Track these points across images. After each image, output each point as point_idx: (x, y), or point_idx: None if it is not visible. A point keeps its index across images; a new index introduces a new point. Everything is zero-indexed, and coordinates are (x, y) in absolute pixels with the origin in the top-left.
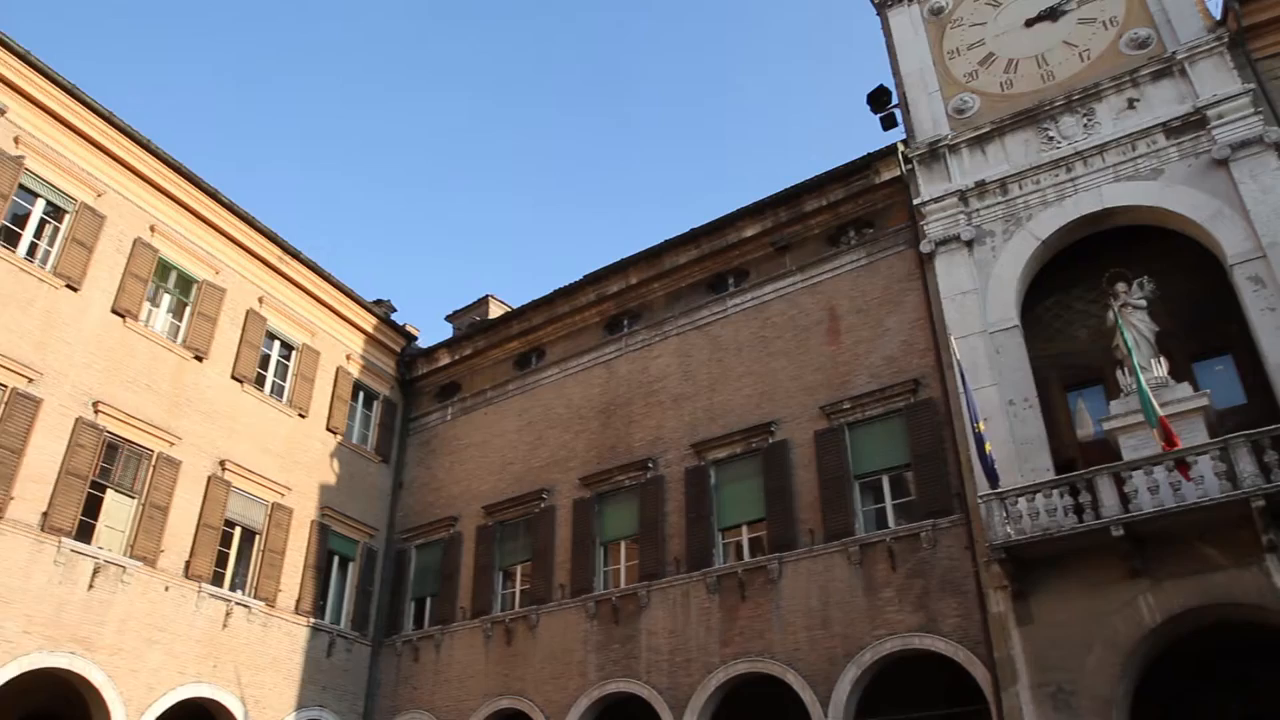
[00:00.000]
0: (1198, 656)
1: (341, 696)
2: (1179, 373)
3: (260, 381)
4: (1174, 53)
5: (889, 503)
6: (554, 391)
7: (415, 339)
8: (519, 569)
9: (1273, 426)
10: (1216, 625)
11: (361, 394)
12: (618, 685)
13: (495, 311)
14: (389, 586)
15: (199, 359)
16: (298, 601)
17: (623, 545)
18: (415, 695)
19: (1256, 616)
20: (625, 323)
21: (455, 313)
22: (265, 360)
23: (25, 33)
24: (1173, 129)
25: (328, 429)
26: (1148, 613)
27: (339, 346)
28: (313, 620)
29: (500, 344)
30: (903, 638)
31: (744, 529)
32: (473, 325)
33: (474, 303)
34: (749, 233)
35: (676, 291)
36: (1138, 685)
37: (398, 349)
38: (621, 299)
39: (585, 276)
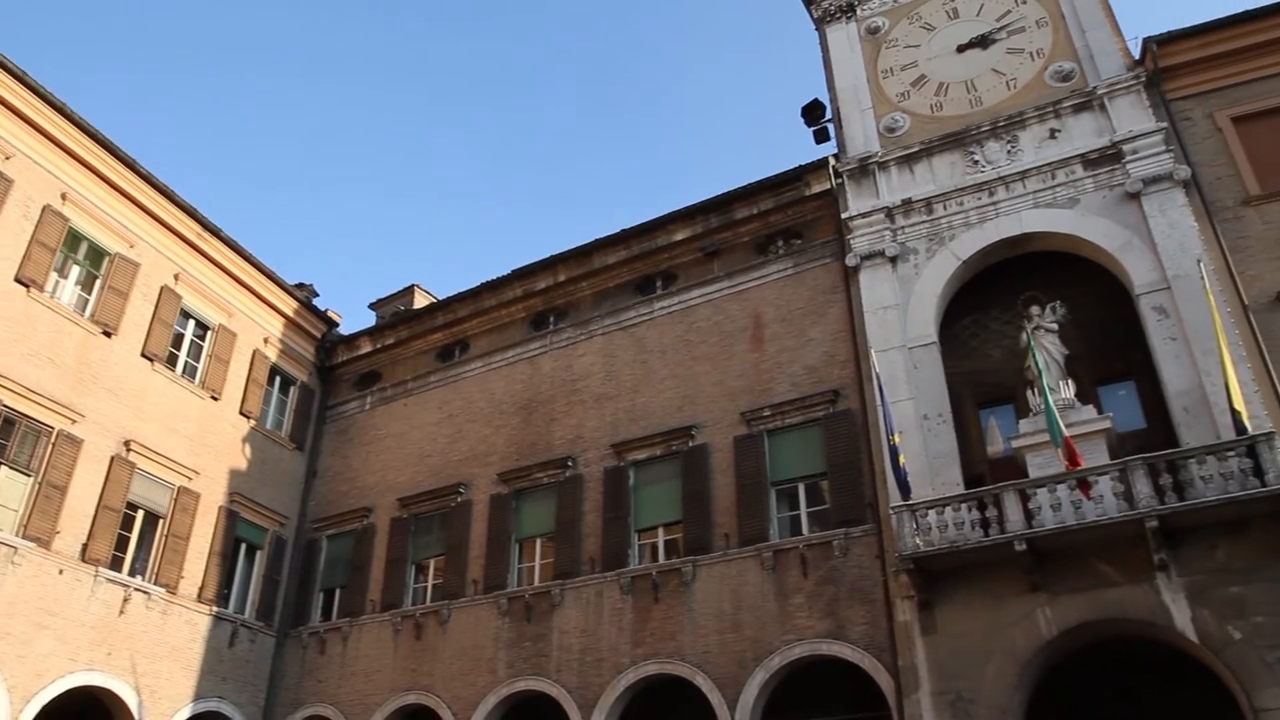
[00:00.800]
0: (1090, 669)
1: (242, 688)
2: (1085, 395)
3: (172, 361)
4: (1095, 88)
5: (804, 510)
6: (476, 385)
7: (337, 325)
8: (432, 563)
9: (1169, 451)
10: (1109, 639)
11: (278, 379)
12: (527, 683)
13: (420, 302)
14: (297, 577)
15: (108, 334)
16: (201, 589)
17: (538, 543)
18: (320, 688)
19: (1146, 632)
20: (551, 320)
21: (379, 301)
22: (178, 339)
23: None
24: (1090, 160)
25: (241, 413)
26: (1045, 625)
27: (257, 329)
28: (216, 609)
29: (424, 335)
30: (811, 643)
31: (660, 531)
32: (396, 314)
33: (399, 291)
34: (679, 236)
35: (604, 291)
36: (1033, 695)
37: (318, 335)
38: (549, 296)
39: (513, 271)
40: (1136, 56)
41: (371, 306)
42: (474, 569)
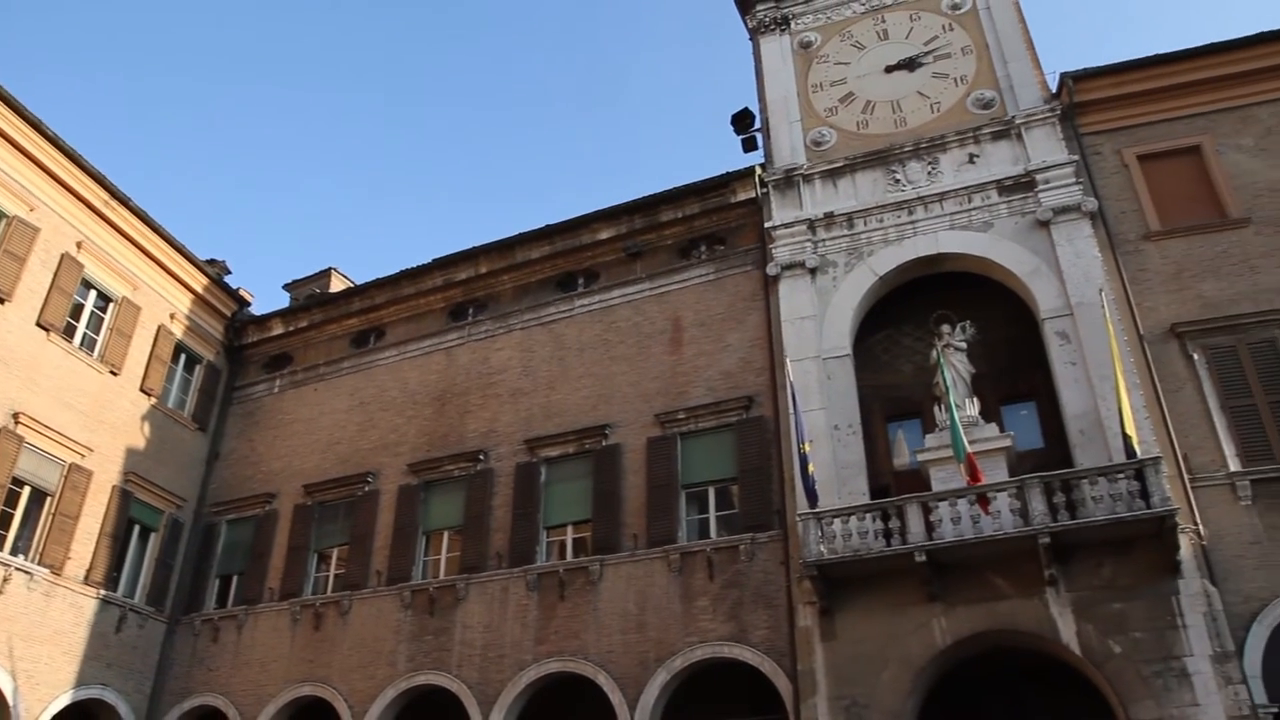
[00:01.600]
0: (980, 677)
1: (128, 675)
2: (989, 413)
3: (70, 332)
4: (1013, 117)
5: (713, 514)
6: (390, 374)
7: (248, 305)
8: (335, 552)
9: (1063, 471)
10: (999, 649)
11: (183, 356)
12: (427, 678)
13: (337, 285)
14: (193, 562)
15: (1, 301)
16: (88, 571)
17: (446, 536)
18: (210, 678)
19: (1034, 644)
20: (470, 311)
21: (294, 282)
22: (78, 310)
23: None
24: (1005, 187)
25: (142, 390)
26: (940, 635)
27: (163, 304)
28: (103, 592)
29: (339, 319)
30: (713, 646)
31: (569, 529)
32: (312, 297)
33: (315, 274)
34: (603, 235)
35: (525, 286)
36: (925, 702)
37: (228, 313)
38: (469, 287)
39: (434, 260)
40: (1054, 90)
41: (286, 288)
42: (378, 560)
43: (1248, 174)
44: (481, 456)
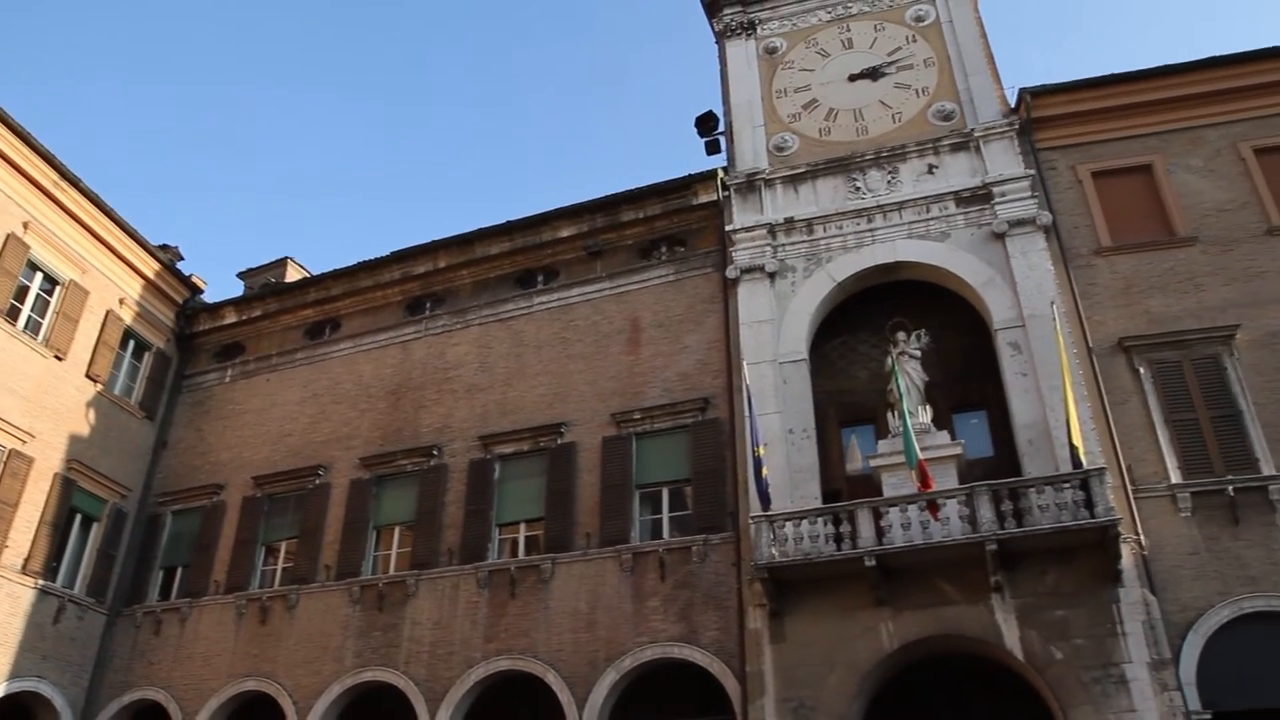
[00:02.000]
0: (927, 682)
1: (65, 668)
2: (941, 421)
3: (14, 315)
4: (972, 130)
5: (666, 514)
6: (344, 366)
7: (201, 292)
8: (284, 546)
9: (1011, 480)
10: (945, 653)
11: (132, 343)
12: (374, 674)
13: (293, 275)
14: (136, 552)
15: None
16: (26, 560)
17: (397, 531)
18: (151, 671)
19: (979, 649)
20: (428, 305)
21: (249, 271)
22: (23, 292)
23: None
24: (963, 198)
25: (88, 376)
26: (887, 638)
27: (112, 289)
28: (42, 582)
29: (294, 309)
30: (663, 646)
31: (522, 526)
32: (266, 286)
33: (271, 263)
34: (564, 233)
35: (484, 281)
36: (871, 705)
37: (180, 300)
38: (427, 281)
39: (392, 253)
40: (1013, 105)
41: (240, 276)
42: (328, 554)
43: (1196, 194)
44: (435, 452)
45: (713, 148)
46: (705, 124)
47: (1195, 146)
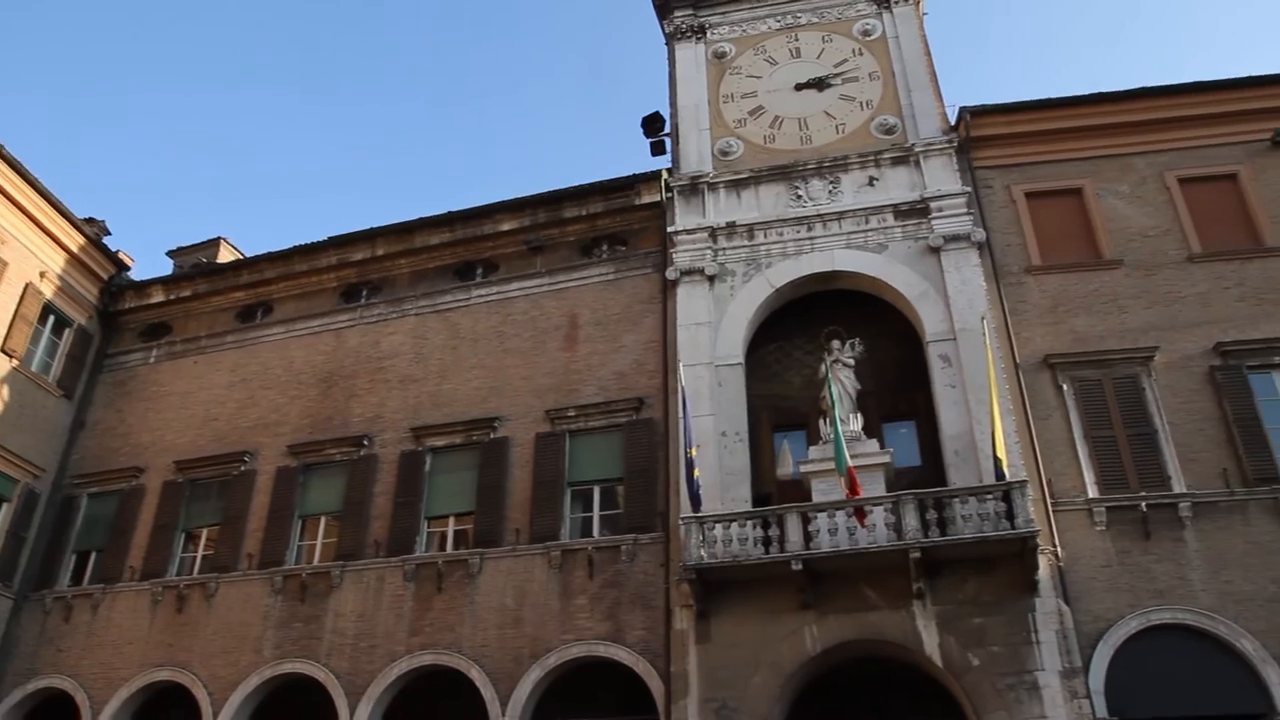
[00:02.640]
0: (848, 686)
1: None
2: (871, 429)
3: None
4: (913, 144)
5: (597, 513)
6: (276, 351)
7: (128, 269)
8: (205, 533)
9: (937, 489)
10: (867, 658)
11: (52, 318)
12: (294, 666)
13: (226, 256)
14: (48, 535)
15: None
16: None
17: (323, 521)
18: (59, 659)
19: (899, 654)
20: (364, 293)
21: (180, 249)
22: None
23: None
24: (901, 211)
25: (3, 350)
26: (810, 642)
27: (32, 261)
28: None
29: (225, 291)
30: (589, 644)
31: (451, 520)
32: (198, 266)
33: (203, 243)
34: (505, 227)
35: (423, 272)
36: (793, 707)
37: (105, 276)
38: (364, 268)
39: (330, 239)
40: (953, 122)
41: (170, 255)
42: (250, 542)
43: (1123, 219)
44: (365, 442)
45: (658, 149)
46: (651, 125)
47: (1124, 173)
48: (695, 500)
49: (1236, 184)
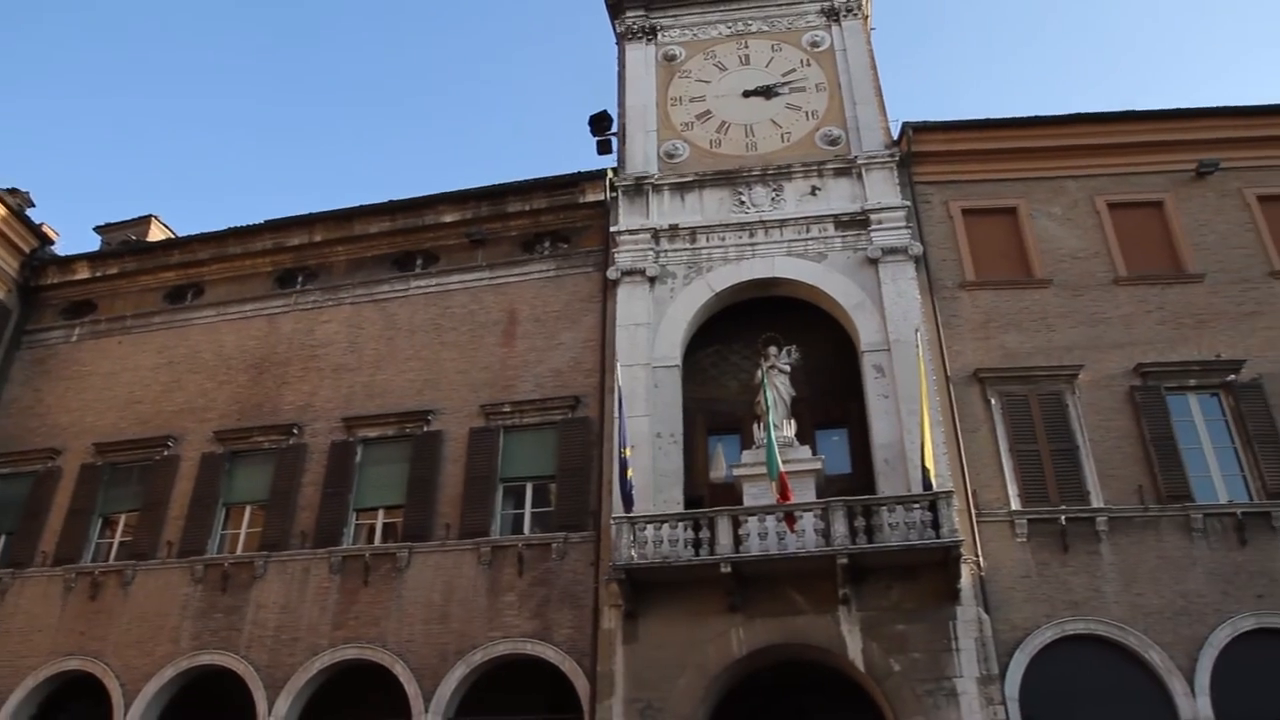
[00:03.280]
0: (774, 689)
1: None
2: (804, 436)
3: None
4: (856, 157)
5: (528, 510)
6: (206, 334)
7: (52, 243)
8: (123, 518)
9: (865, 497)
10: (793, 662)
11: None
12: (212, 657)
13: (157, 235)
14: None
15: None
16: None
17: (248, 510)
18: None
19: (824, 658)
20: (299, 279)
21: (108, 225)
22: None
23: None
24: (842, 222)
25: None
26: (737, 644)
27: None
28: None
29: (155, 270)
30: (516, 642)
31: (381, 513)
32: (126, 243)
33: (133, 220)
34: (447, 219)
35: (360, 260)
36: (717, 709)
37: (27, 250)
38: (301, 254)
39: (267, 222)
40: (895, 137)
41: (99, 230)
42: (171, 529)
43: (1054, 240)
44: (295, 430)
45: (604, 148)
46: (599, 123)
47: (1057, 195)
48: (627, 500)
49: (1162, 211)
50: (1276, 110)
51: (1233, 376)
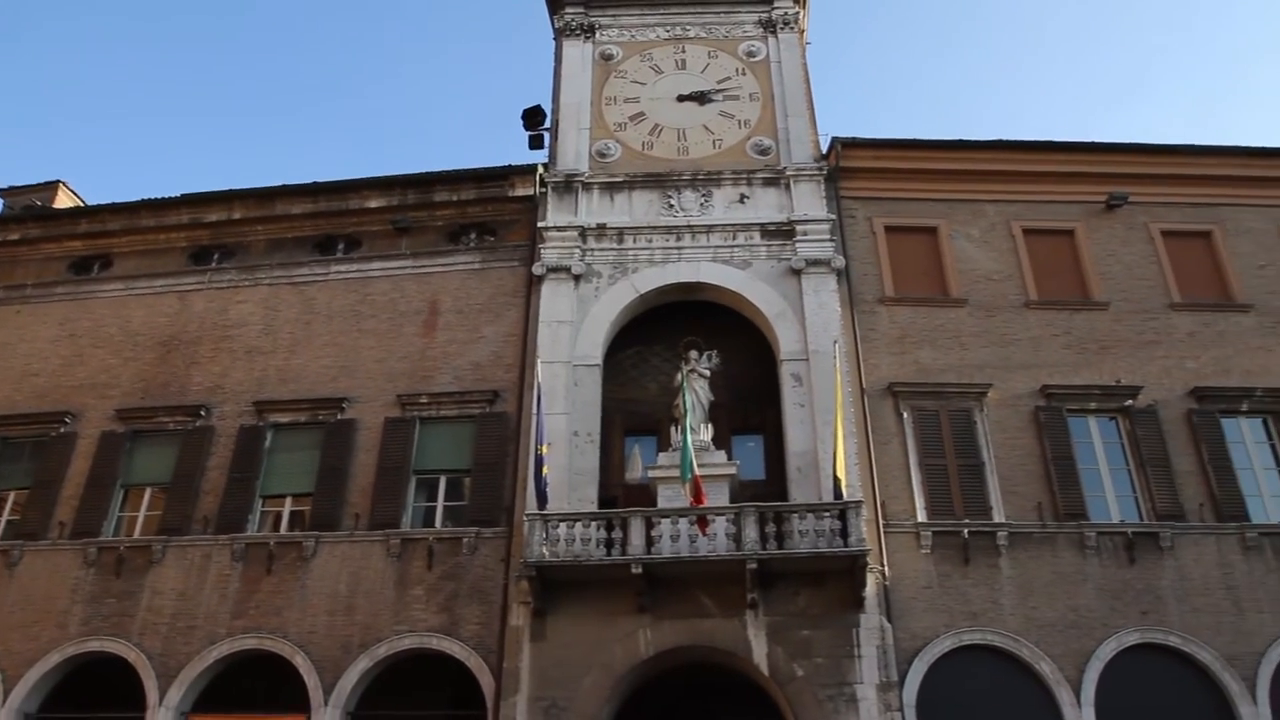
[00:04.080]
0: (680, 691)
1: None
2: (720, 441)
3: None
4: (785, 168)
5: (441, 503)
6: (112, 309)
7: None
8: (12, 496)
9: (777, 504)
10: (700, 665)
11: None
12: (101, 644)
13: (65, 202)
14: None
15: None
16: None
17: (148, 492)
18: None
19: (730, 661)
20: (215, 257)
21: (11, 189)
22: None
23: None
24: (768, 231)
25: None
26: (644, 645)
27: None
28: None
29: (60, 239)
30: (421, 636)
31: (288, 500)
32: (30, 209)
33: (39, 184)
34: (372, 204)
35: (280, 241)
36: (623, 709)
37: None
38: (218, 231)
39: (183, 195)
40: (824, 150)
41: (1, 193)
42: (64, 510)
43: (971, 261)
44: (203, 412)
45: (536, 143)
46: (532, 118)
47: (976, 218)
48: (541, 498)
49: (1073, 240)
50: (1182, 150)
51: (1130, 402)
